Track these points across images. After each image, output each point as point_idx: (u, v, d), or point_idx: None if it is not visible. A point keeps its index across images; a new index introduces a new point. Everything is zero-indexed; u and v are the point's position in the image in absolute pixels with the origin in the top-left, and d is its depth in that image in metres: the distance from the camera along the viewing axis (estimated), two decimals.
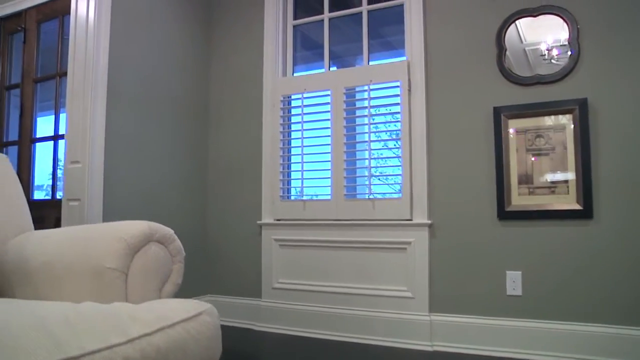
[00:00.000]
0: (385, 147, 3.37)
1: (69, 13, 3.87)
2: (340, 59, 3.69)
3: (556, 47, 2.90)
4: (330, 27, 3.54)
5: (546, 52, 2.94)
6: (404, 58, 3.24)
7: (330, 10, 3.52)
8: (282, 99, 3.47)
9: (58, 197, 3.86)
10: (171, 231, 1.69)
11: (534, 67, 2.95)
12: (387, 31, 3.56)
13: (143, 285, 1.55)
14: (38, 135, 4.03)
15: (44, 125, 4.15)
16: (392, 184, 3.28)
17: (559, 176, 2.81)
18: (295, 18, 3.63)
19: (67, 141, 3.13)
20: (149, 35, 3.39)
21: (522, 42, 3.01)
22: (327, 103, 3.32)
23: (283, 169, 3.44)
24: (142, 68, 3.33)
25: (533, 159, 2.87)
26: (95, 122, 3.02)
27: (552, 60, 2.95)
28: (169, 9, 3.54)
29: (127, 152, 3.19)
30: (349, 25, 3.58)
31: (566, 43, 2.85)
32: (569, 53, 2.83)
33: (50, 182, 3.98)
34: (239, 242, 3.60)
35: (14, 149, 4.19)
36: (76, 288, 1.53)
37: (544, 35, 2.93)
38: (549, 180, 2.83)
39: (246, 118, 3.64)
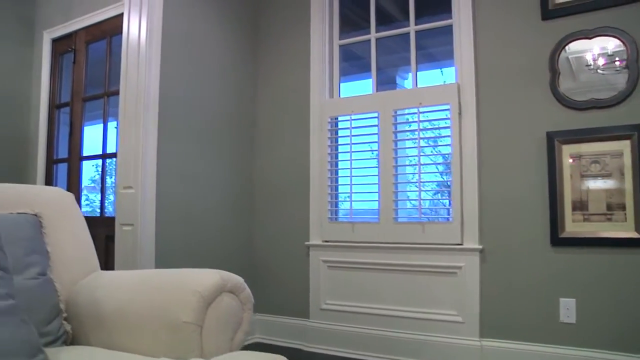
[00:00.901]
0: (435, 170, 3.35)
1: (116, 34, 3.94)
2: (382, 71, 3.65)
3: (602, 56, 2.83)
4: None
5: (592, 61, 2.88)
6: (453, 80, 3.22)
7: (377, 28, 3.50)
8: (329, 120, 3.48)
9: (106, 214, 3.95)
10: (241, 280, 1.71)
11: (577, 75, 2.88)
12: (432, 42, 3.53)
13: (217, 337, 1.57)
14: (86, 152, 4.13)
15: (90, 142, 4.23)
16: (442, 207, 3.26)
17: (615, 203, 2.75)
18: (341, 36, 3.62)
19: (119, 166, 3.19)
20: (196, 57, 3.43)
21: (565, 51, 2.93)
22: (375, 125, 3.32)
23: (331, 190, 3.45)
24: (190, 90, 3.37)
25: (588, 185, 2.82)
26: (147, 148, 3.07)
27: (599, 70, 2.88)
28: (216, 31, 3.57)
29: (177, 175, 3.24)
30: (394, 40, 3.56)
31: (613, 53, 2.79)
32: (627, 76, 2.76)
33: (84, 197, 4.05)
34: (286, 262, 3.63)
35: (63, 166, 4.30)
36: (152, 340, 1.56)
37: (589, 43, 2.86)
38: (605, 208, 2.78)
39: (293, 139, 3.66)
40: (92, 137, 4.27)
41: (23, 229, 1.83)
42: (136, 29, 3.24)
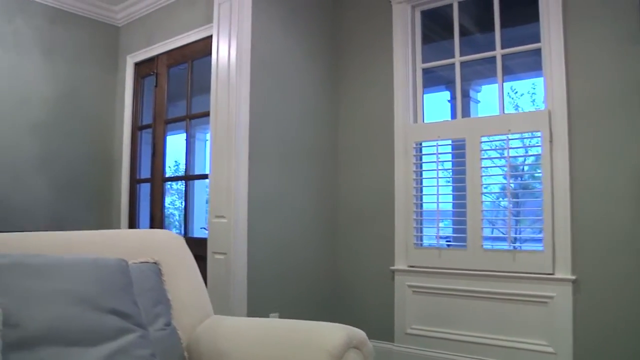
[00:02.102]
0: (524, 197, 3.32)
1: (197, 57, 4.06)
2: (454, 84, 3.63)
3: None
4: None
5: None
6: (543, 107, 3.18)
7: (462, 50, 3.47)
8: (414, 145, 3.48)
9: (189, 234, 4.06)
10: (364, 334, 1.72)
11: None
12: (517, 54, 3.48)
13: None
14: (168, 172, 4.25)
15: (172, 162, 4.36)
16: (532, 236, 3.23)
17: None
18: (423, 58, 3.62)
19: (211, 195, 3.28)
20: (282, 83, 3.49)
21: None
22: (462, 151, 3.31)
23: (417, 216, 3.46)
24: (276, 116, 3.44)
25: None
26: (239, 178, 3.14)
27: None
28: (298, 57, 3.63)
29: (266, 203, 3.31)
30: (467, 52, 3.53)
31: None
32: None
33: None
34: (370, 286, 3.65)
35: (146, 186, 4.45)
36: None
37: None
38: None
39: (376, 163, 3.68)
40: (174, 158, 4.40)
41: (149, 279, 1.88)
42: (225, 54, 3.30)
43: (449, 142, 3.41)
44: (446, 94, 5.29)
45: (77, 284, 1.50)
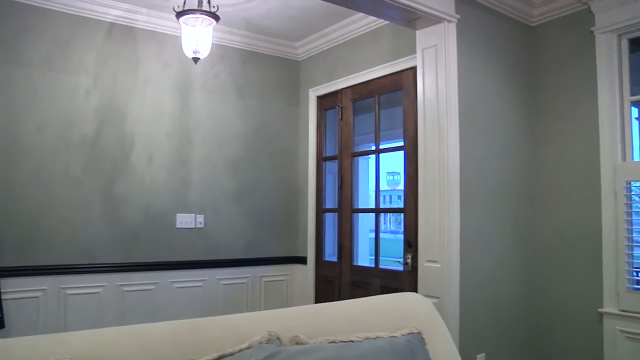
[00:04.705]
0: None
1: (384, 92, 4.17)
2: None
3: None
4: None
5: None
6: None
7: None
8: (624, 184, 3.34)
9: (381, 266, 4.21)
10: None
11: None
12: None
13: None
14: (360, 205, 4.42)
15: (361, 194, 4.52)
16: None
17: None
18: (632, 91, 3.45)
19: (421, 240, 3.36)
20: (482, 126, 3.48)
21: None
22: None
23: (629, 258, 3.32)
24: (480, 160, 3.43)
25: None
26: (452, 222, 3.20)
27: None
28: (498, 97, 3.60)
29: (474, 246, 3.33)
30: None
31: None
32: None
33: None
34: (574, 328, 3.56)
35: (330, 215, 4.67)
36: None
37: None
38: None
39: (578, 203, 3.56)
40: (361, 190, 4.57)
41: (420, 352, 1.93)
42: (432, 97, 3.33)
43: None
44: None
45: None
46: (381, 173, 4.22)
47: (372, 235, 4.39)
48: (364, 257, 4.59)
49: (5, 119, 3.65)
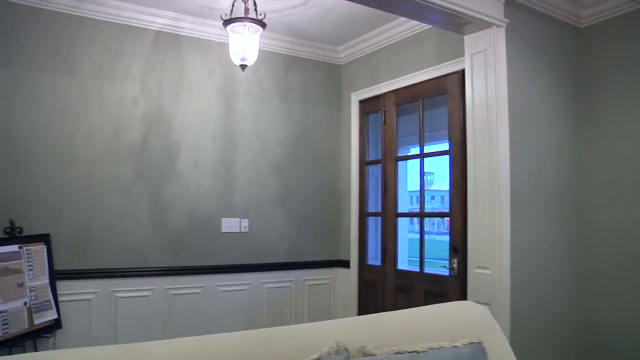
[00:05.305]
0: None
1: (427, 97, 4.14)
2: None
3: None
4: None
5: None
6: None
7: None
8: None
9: (426, 270, 4.19)
10: None
11: None
12: None
13: None
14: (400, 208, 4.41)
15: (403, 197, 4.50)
16: None
17: None
18: None
19: (470, 246, 3.33)
20: (531, 129, 3.42)
21: None
22: None
23: None
24: (530, 165, 3.38)
25: None
26: (502, 229, 3.16)
27: None
28: (546, 100, 3.54)
29: (524, 252, 3.28)
30: None
31: None
32: None
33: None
34: (634, 340, 3.46)
35: (372, 220, 4.67)
36: None
37: None
38: None
39: (634, 205, 3.47)
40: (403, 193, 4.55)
41: None
42: (482, 103, 3.29)
43: None
44: None
45: None
46: (416, 173, 4.21)
47: (410, 235, 4.38)
48: (403, 260, 4.54)
49: (60, 126, 3.75)
